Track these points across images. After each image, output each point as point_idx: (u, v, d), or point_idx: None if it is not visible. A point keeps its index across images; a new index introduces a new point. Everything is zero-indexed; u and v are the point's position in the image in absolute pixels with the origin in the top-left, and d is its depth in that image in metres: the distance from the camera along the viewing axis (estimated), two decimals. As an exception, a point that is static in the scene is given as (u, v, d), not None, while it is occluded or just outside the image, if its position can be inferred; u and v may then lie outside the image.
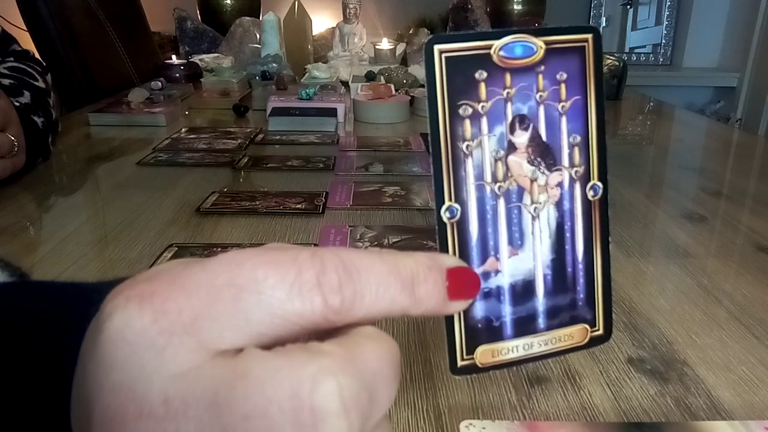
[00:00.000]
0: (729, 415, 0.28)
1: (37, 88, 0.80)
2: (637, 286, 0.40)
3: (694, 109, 2.56)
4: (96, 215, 0.51)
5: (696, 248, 0.47)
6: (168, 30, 2.10)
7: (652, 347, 0.33)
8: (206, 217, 0.51)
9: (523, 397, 0.29)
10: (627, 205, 0.56)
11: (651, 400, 0.28)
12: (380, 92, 1.00)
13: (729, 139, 0.93)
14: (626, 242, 0.47)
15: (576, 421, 0.27)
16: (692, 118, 1.18)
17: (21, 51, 0.93)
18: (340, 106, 0.93)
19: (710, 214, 0.54)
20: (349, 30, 1.51)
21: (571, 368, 0.31)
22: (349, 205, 0.55)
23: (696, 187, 0.64)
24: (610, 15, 2.83)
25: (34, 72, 0.84)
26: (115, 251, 0.44)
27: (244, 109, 1.01)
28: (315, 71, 1.24)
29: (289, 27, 1.47)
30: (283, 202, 0.55)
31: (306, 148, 0.78)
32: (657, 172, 0.72)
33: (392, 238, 0.47)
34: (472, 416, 0.27)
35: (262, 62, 1.29)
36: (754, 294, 0.39)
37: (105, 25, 1.39)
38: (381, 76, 1.19)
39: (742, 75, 2.56)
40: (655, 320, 0.36)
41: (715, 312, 0.37)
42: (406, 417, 0.27)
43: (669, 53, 2.81)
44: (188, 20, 1.75)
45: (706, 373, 0.31)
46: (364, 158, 0.72)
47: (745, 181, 0.66)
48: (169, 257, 0.43)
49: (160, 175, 0.64)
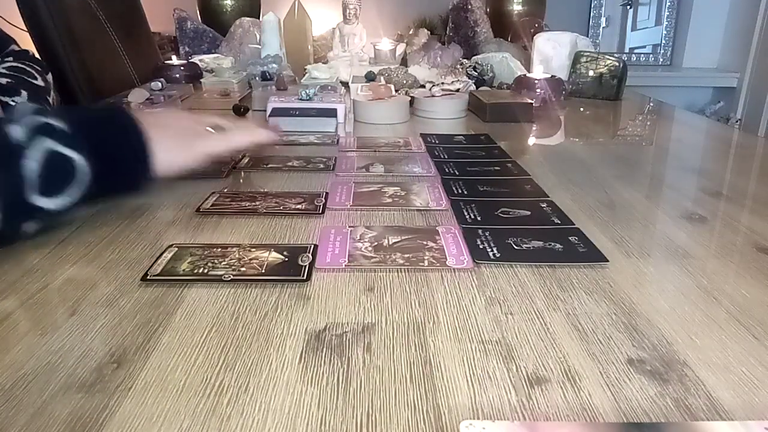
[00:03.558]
0: (729, 416, 0.28)
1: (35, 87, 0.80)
2: (636, 286, 0.40)
3: (694, 109, 2.56)
4: (96, 215, 0.51)
5: (696, 249, 0.47)
6: (168, 30, 2.10)
7: (651, 348, 0.33)
8: (206, 218, 0.52)
9: (523, 397, 0.29)
10: (627, 206, 0.56)
11: (651, 400, 0.29)
12: (380, 93, 1.00)
13: (729, 140, 0.93)
14: (626, 243, 0.47)
15: (576, 421, 0.27)
16: (692, 119, 1.18)
17: (20, 51, 0.93)
18: (340, 106, 0.93)
19: (710, 215, 0.54)
20: (349, 30, 1.51)
21: (571, 369, 0.31)
22: (349, 206, 0.55)
23: (696, 187, 0.64)
24: (610, 15, 2.83)
25: (33, 71, 0.84)
26: (115, 251, 0.45)
27: (244, 110, 1.01)
28: (315, 72, 1.24)
29: (289, 27, 1.47)
30: (283, 203, 0.55)
31: (306, 149, 0.78)
32: (657, 172, 0.72)
33: (392, 238, 0.47)
34: (472, 416, 0.27)
35: (262, 63, 1.29)
36: (754, 294, 0.39)
37: (105, 25, 1.39)
38: (381, 76, 1.19)
39: (742, 75, 2.56)
40: (655, 321, 0.36)
41: (715, 313, 0.37)
42: (406, 417, 0.27)
43: (669, 53, 2.81)
44: (188, 21, 1.75)
45: (706, 374, 0.31)
46: (364, 159, 0.72)
47: (744, 181, 0.66)
48: (169, 257, 0.43)
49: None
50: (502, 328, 0.35)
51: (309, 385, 0.29)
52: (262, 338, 0.33)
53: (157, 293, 0.38)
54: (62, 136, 0.45)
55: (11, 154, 0.42)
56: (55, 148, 0.44)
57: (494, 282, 0.40)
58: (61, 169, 0.44)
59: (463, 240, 0.47)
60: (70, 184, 0.45)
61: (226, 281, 0.40)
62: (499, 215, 0.52)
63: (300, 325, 0.35)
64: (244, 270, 0.41)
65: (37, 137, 0.43)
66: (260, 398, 0.28)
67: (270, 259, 0.43)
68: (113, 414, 0.27)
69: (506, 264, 0.43)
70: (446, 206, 0.55)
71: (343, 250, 0.44)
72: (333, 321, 0.35)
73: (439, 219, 0.52)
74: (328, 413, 0.27)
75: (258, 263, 0.42)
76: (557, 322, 0.35)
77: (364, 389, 0.29)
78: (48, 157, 0.43)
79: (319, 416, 0.27)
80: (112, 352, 0.32)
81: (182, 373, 0.30)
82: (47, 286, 0.39)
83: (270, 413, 0.27)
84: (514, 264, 0.43)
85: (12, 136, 0.42)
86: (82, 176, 0.46)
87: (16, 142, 0.42)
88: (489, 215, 0.52)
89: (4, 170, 0.41)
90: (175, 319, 0.35)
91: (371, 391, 0.29)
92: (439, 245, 0.45)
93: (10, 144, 0.42)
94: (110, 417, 0.27)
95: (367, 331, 0.34)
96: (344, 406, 0.28)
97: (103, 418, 0.27)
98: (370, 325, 0.35)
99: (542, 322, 0.35)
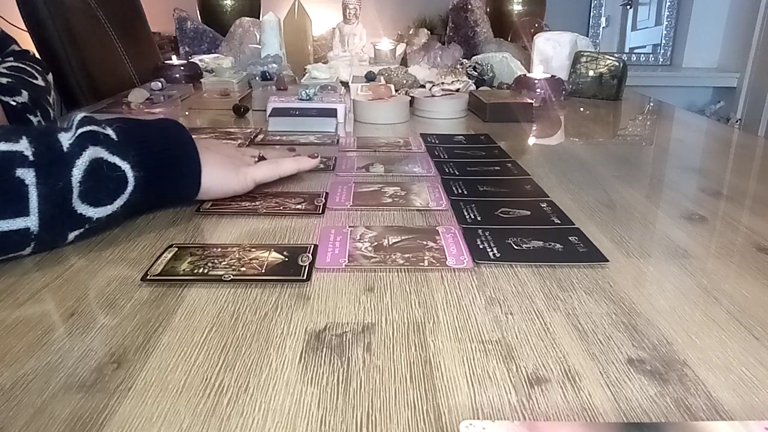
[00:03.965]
0: (729, 416, 0.28)
1: (36, 87, 0.80)
2: (636, 286, 0.40)
3: (694, 109, 2.56)
4: (96, 215, 0.51)
5: (696, 249, 0.47)
6: (168, 30, 2.11)
7: (651, 348, 0.33)
8: (206, 218, 0.52)
9: (523, 397, 0.29)
10: (627, 206, 0.56)
11: (651, 400, 0.29)
12: (380, 93, 1.00)
13: (729, 140, 0.93)
14: (626, 242, 0.47)
15: (576, 421, 0.27)
16: (692, 119, 1.18)
17: (21, 51, 0.93)
18: (340, 106, 0.93)
19: (710, 215, 0.54)
20: (349, 30, 1.51)
21: (571, 369, 0.31)
22: (349, 206, 0.55)
23: (696, 187, 0.64)
24: (610, 15, 2.84)
25: (34, 71, 0.84)
26: (116, 251, 0.45)
27: (244, 110, 1.01)
28: (315, 72, 1.24)
29: (289, 27, 1.47)
30: (283, 203, 0.55)
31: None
32: (657, 172, 0.72)
33: (392, 238, 0.47)
34: (472, 416, 0.27)
35: (262, 63, 1.29)
36: (754, 294, 0.39)
37: (105, 25, 1.39)
38: (381, 76, 1.19)
39: (742, 75, 2.56)
40: (655, 321, 0.36)
41: (714, 312, 0.37)
42: (406, 417, 0.27)
43: (669, 53, 2.81)
44: (188, 20, 1.75)
45: (706, 374, 0.31)
46: (364, 159, 0.72)
47: (744, 181, 0.66)
48: (169, 257, 0.43)
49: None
50: (502, 328, 0.35)
51: (309, 385, 0.29)
52: (262, 338, 0.33)
53: (157, 293, 0.38)
54: (109, 144, 0.45)
55: (61, 162, 0.42)
56: (101, 156, 0.44)
57: (494, 282, 0.40)
58: (105, 176, 0.44)
59: (463, 240, 0.47)
60: (114, 191, 0.45)
61: (226, 281, 0.40)
62: (499, 215, 0.52)
63: (300, 325, 0.35)
64: (244, 270, 0.41)
65: (85, 144, 0.43)
66: (260, 398, 0.28)
67: (270, 259, 0.43)
68: (113, 414, 0.27)
69: (506, 264, 0.43)
70: (446, 206, 0.55)
71: (343, 250, 0.44)
72: (333, 321, 0.35)
73: (439, 219, 0.52)
74: (328, 413, 0.27)
75: (258, 263, 0.42)
76: (557, 322, 0.35)
77: (364, 389, 0.29)
78: (94, 164, 0.43)
79: (319, 416, 0.27)
80: (112, 352, 0.32)
81: (182, 373, 0.30)
82: (47, 285, 0.39)
83: (270, 413, 0.27)
84: (514, 264, 0.43)
85: (63, 144, 0.42)
86: (127, 184, 0.45)
87: (67, 149, 0.42)
88: (489, 215, 0.52)
89: (53, 179, 0.41)
90: (175, 319, 0.35)
91: (371, 391, 0.29)
92: (439, 245, 0.46)
93: (61, 151, 0.42)
94: (110, 417, 0.27)
95: (367, 331, 0.34)
96: (344, 406, 0.28)
97: (103, 418, 0.27)
98: (370, 325, 0.35)
99: (542, 322, 0.35)
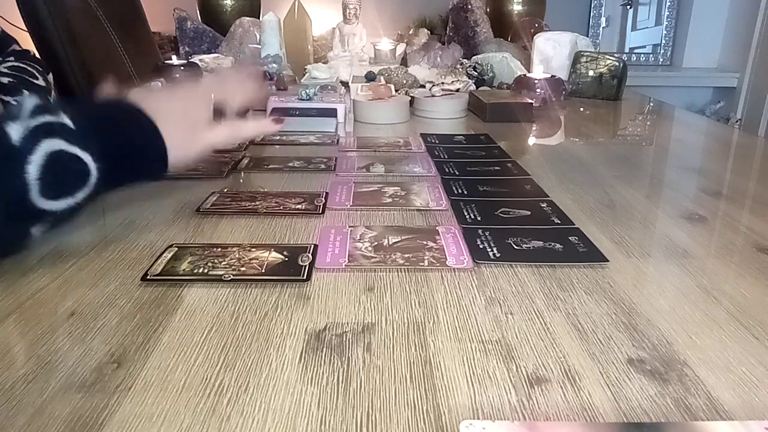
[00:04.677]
0: (729, 416, 0.28)
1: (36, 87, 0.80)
2: (636, 286, 0.40)
3: (694, 109, 2.56)
4: (96, 215, 0.51)
5: (696, 249, 0.47)
6: (168, 30, 2.10)
7: (651, 348, 0.33)
8: (206, 218, 0.52)
9: (523, 397, 0.29)
10: (627, 206, 0.56)
11: (651, 400, 0.29)
12: (380, 93, 1.00)
13: (729, 140, 0.93)
14: (626, 242, 0.47)
15: (576, 421, 0.27)
16: (692, 119, 1.18)
17: (21, 51, 0.93)
18: (340, 106, 0.93)
19: (710, 215, 0.54)
20: (349, 30, 1.51)
21: (571, 369, 0.31)
22: (349, 206, 0.55)
23: (696, 187, 0.64)
24: (610, 15, 2.83)
25: (34, 71, 0.84)
26: (116, 251, 0.45)
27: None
28: (315, 72, 1.24)
29: (289, 27, 1.47)
30: (283, 203, 0.55)
31: (306, 149, 0.78)
32: (657, 172, 0.72)
33: (392, 238, 0.47)
34: (472, 416, 0.27)
35: (262, 62, 1.29)
36: (754, 294, 0.39)
37: (105, 25, 1.39)
38: (381, 76, 1.19)
39: (742, 75, 2.56)
40: (655, 321, 0.36)
41: (714, 312, 0.37)
42: (406, 417, 0.27)
43: (669, 53, 2.81)
44: (188, 20, 1.75)
45: (706, 374, 0.31)
46: (364, 159, 0.72)
47: (744, 181, 0.66)
48: (169, 257, 0.43)
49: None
50: (502, 328, 0.35)
51: (309, 385, 0.29)
52: (262, 338, 0.33)
53: (157, 293, 0.38)
54: (68, 134, 0.42)
55: (12, 157, 0.39)
56: (60, 147, 0.41)
57: (494, 282, 0.40)
58: (66, 169, 0.42)
59: (463, 240, 0.47)
60: (75, 184, 0.43)
61: (226, 281, 0.40)
62: (499, 215, 0.52)
63: (300, 324, 0.35)
64: (244, 270, 0.41)
65: (40, 137, 0.41)
66: (260, 398, 0.28)
67: (270, 259, 0.43)
68: (113, 414, 0.27)
69: (506, 264, 0.43)
70: (446, 206, 0.55)
71: (343, 250, 0.44)
72: (333, 321, 0.35)
73: (439, 219, 0.52)
74: (328, 413, 0.27)
75: (258, 263, 0.42)
76: (557, 322, 0.35)
77: (364, 389, 0.29)
78: (52, 157, 0.41)
79: (319, 416, 0.27)
80: (112, 351, 0.32)
81: (182, 372, 0.30)
82: (47, 285, 0.39)
83: (270, 413, 0.27)
84: (514, 264, 0.43)
85: (13, 137, 0.40)
86: (89, 176, 0.43)
87: (18, 143, 0.40)
88: (489, 215, 0.52)
89: (6, 174, 0.39)
90: (175, 318, 0.35)
91: (371, 391, 0.29)
92: (439, 245, 0.45)
93: (11, 146, 0.40)
94: (110, 417, 0.27)
95: (367, 331, 0.34)
96: (344, 406, 0.28)
97: (103, 417, 0.27)
98: (370, 325, 0.35)
99: (542, 322, 0.35)
